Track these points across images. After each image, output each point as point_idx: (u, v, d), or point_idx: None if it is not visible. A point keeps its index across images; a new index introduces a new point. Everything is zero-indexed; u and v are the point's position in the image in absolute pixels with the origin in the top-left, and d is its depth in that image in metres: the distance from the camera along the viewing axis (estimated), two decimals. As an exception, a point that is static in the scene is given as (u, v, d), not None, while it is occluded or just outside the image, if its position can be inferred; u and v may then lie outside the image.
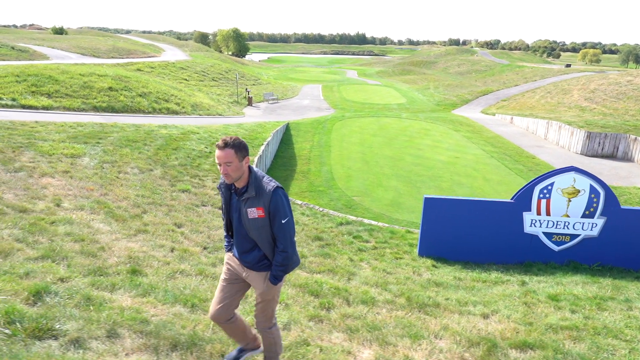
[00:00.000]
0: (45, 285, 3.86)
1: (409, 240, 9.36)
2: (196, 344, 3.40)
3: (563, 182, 7.88)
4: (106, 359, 3.04)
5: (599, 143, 23.55)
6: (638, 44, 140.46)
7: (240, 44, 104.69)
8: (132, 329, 3.44)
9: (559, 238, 8.16)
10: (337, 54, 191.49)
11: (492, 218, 8.17)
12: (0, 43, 36.32)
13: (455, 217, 8.25)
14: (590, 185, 7.86)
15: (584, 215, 8.01)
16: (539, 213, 8.05)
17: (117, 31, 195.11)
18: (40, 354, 2.87)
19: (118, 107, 18.62)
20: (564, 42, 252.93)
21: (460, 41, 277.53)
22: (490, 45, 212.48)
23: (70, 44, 46.76)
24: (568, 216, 8.03)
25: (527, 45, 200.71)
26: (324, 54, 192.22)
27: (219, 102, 31.84)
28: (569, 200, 7.97)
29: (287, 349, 3.62)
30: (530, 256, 8.26)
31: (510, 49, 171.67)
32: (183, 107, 23.10)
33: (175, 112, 21.74)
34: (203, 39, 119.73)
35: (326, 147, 21.44)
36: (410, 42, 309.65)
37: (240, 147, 2.74)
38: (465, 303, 5.52)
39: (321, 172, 17.41)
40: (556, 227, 8.10)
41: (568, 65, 71.24)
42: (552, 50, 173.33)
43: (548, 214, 8.03)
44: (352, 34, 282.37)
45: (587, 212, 7.99)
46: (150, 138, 13.31)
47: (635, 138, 22.72)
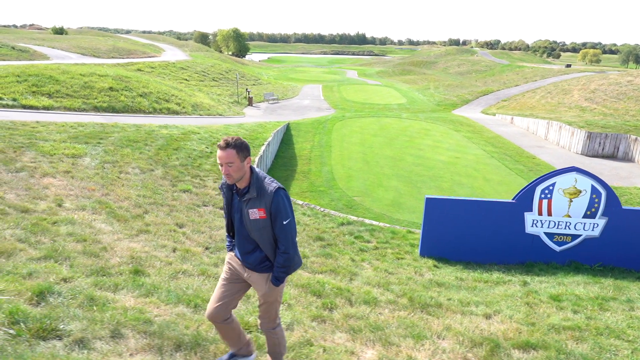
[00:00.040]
0: (49, 285, 3.86)
1: (410, 241, 9.37)
2: (200, 344, 3.40)
3: (564, 182, 7.88)
4: (111, 359, 3.05)
5: (600, 143, 23.56)
6: (638, 44, 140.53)
7: (240, 44, 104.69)
8: (136, 329, 3.44)
9: (561, 238, 8.17)
10: (337, 54, 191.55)
11: (494, 218, 8.18)
12: (1, 43, 36.32)
13: (457, 218, 8.25)
14: (592, 186, 7.87)
15: (585, 216, 8.01)
16: (540, 213, 8.05)
17: (117, 31, 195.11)
18: (45, 354, 2.87)
19: (119, 107, 18.63)
20: (564, 42, 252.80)
21: (460, 41, 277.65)
22: (490, 45, 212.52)
23: (71, 44, 46.74)
24: (569, 216, 8.04)
25: (527, 46, 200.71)
26: (324, 54, 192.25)
27: (219, 102, 31.84)
28: (571, 201, 7.97)
29: (290, 349, 3.62)
30: (532, 256, 8.26)
31: (510, 49, 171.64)
32: (183, 107, 23.10)
33: (176, 112, 21.74)
34: (203, 39, 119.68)
35: (327, 147, 21.44)
36: (410, 42, 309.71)
37: (241, 148, 2.72)
38: (468, 303, 5.52)
39: (322, 172, 17.41)
40: (557, 228, 8.10)
41: (568, 66, 71.24)
42: (552, 50, 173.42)
43: (549, 214, 8.04)
44: (352, 34, 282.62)
45: (588, 213, 7.99)
46: (151, 138, 13.32)
47: (636, 138, 22.73)
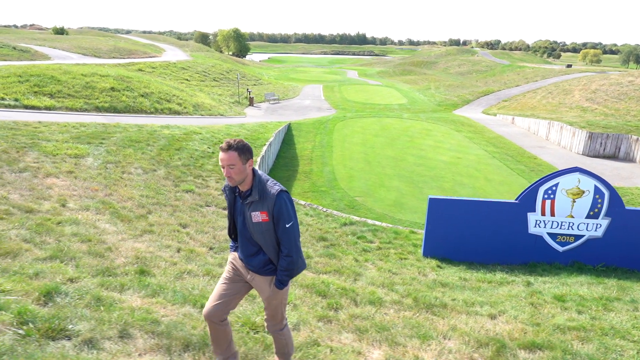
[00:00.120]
0: (55, 285, 3.87)
1: (412, 241, 9.37)
2: (208, 345, 3.40)
3: (567, 182, 7.89)
4: (120, 359, 3.05)
5: (601, 143, 23.56)
6: (638, 44, 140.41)
7: (240, 44, 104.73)
8: (144, 330, 3.45)
9: (564, 239, 8.17)
10: (338, 54, 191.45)
11: (497, 219, 8.18)
12: (2, 43, 36.34)
13: (460, 218, 8.25)
14: (595, 186, 7.87)
15: (588, 216, 8.02)
16: (543, 214, 8.06)
17: (117, 31, 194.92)
18: (55, 354, 2.88)
19: (120, 108, 18.64)
20: (564, 43, 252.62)
21: (461, 41, 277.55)
22: (491, 45, 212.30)
23: (72, 44, 46.74)
24: (572, 217, 8.04)
25: (528, 46, 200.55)
26: (324, 54, 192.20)
27: (220, 102, 31.85)
28: (574, 201, 7.98)
29: (297, 350, 3.63)
30: (535, 257, 8.26)
31: (511, 49, 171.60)
32: (185, 107, 23.11)
33: (177, 113, 21.75)
34: (203, 39, 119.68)
35: (328, 148, 21.45)
36: (411, 42, 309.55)
37: (243, 150, 2.70)
38: (472, 304, 5.52)
39: (323, 173, 17.41)
40: (560, 228, 8.10)
41: (569, 66, 71.25)
42: (552, 50, 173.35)
43: (552, 214, 8.04)
44: (352, 34, 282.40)
45: (591, 213, 8.00)
46: (153, 138, 13.33)
47: (637, 138, 22.73)
